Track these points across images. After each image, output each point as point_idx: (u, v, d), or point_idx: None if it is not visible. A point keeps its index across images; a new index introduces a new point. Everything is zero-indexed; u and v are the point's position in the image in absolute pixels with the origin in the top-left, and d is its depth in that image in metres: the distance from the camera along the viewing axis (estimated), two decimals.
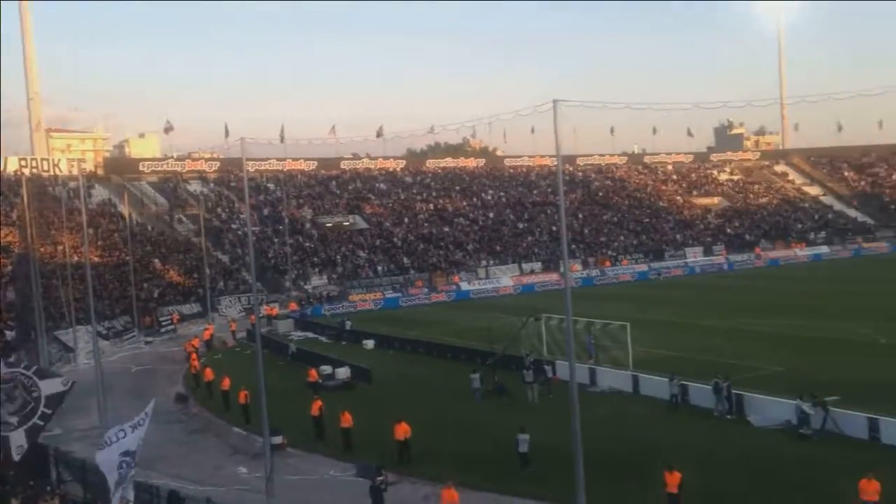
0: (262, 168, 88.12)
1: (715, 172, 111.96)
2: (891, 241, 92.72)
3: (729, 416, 27.53)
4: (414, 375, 38.36)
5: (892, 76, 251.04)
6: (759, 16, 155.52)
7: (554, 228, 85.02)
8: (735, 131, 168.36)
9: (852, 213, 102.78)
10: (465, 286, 72.02)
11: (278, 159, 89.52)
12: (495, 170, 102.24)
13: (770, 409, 27.10)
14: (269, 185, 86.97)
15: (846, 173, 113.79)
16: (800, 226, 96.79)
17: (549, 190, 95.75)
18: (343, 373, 37.28)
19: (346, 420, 26.99)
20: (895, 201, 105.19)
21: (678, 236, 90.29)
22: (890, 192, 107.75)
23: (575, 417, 18.91)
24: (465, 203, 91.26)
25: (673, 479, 19.50)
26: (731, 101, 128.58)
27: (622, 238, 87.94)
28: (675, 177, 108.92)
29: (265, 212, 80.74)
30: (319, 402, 28.97)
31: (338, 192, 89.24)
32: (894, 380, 30.60)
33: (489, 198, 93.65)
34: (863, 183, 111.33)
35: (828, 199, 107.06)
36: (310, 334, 53.38)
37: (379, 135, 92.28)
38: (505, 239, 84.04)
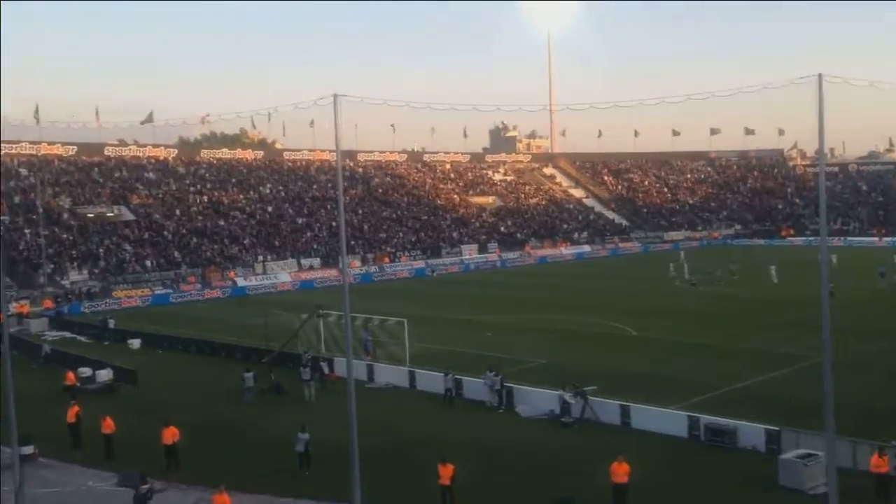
0: (13, 152, 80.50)
1: (490, 173, 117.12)
2: (642, 242, 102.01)
3: (500, 409, 28.98)
4: (185, 376, 36.81)
5: (648, 89, 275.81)
6: (533, 26, 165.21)
7: (333, 224, 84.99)
8: (509, 134, 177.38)
9: (611, 215, 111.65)
10: (241, 282, 70.18)
11: (32, 142, 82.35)
12: (274, 163, 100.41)
13: (536, 400, 28.83)
14: (21, 170, 79.64)
15: (606, 178, 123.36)
16: (565, 226, 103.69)
17: (329, 185, 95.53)
18: (105, 375, 35.02)
19: (108, 426, 25.40)
20: (647, 205, 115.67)
21: (455, 234, 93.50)
22: (642, 197, 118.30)
23: (352, 414, 19.08)
24: (241, 196, 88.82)
25: (446, 472, 20.23)
26: (505, 105, 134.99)
27: (401, 235, 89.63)
28: (452, 176, 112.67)
29: (16, 200, 73.85)
30: (76, 408, 27.05)
31: (101, 180, 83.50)
32: (644, 370, 33.70)
33: (267, 191, 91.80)
34: (620, 187, 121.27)
35: (590, 202, 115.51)
36: (67, 334, 49.64)
37: (148, 121, 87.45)
38: (283, 234, 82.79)
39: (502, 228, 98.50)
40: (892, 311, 46.60)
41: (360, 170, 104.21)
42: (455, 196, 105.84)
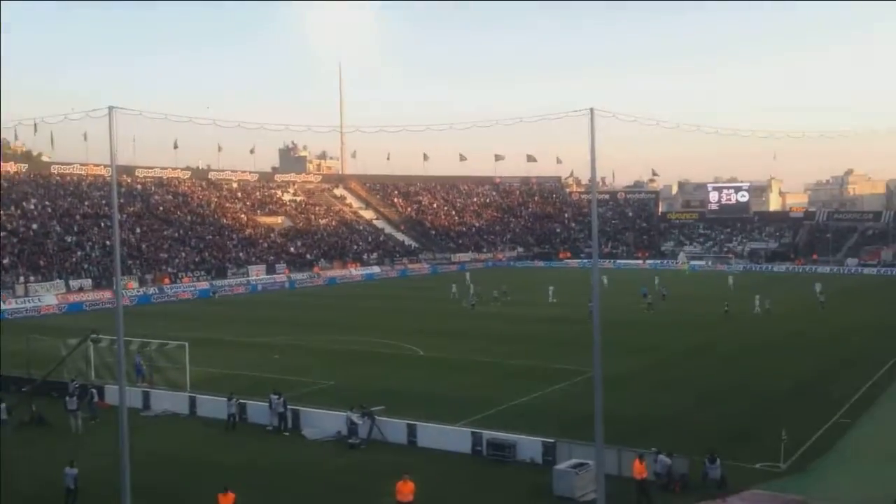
0: None
1: (279, 192, 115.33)
2: (431, 263, 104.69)
3: (286, 433, 28.43)
4: None
5: (437, 115, 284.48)
6: (323, 48, 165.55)
7: (108, 243, 79.87)
8: (299, 154, 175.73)
9: (400, 236, 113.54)
10: None
11: None
12: (40, 177, 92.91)
13: (323, 422, 28.60)
14: None
15: (396, 200, 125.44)
16: (355, 247, 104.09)
17: (104, 201, 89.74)
18: None
19: None
20: (435, 227, 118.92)
21: (242, 254, 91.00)
22: (431, 219, 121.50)
23: (124, 444, 18.01)
24: (2, 212, 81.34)
25: (227, 501, 19.53)
26: (295, 125, 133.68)
27: (184, 255, 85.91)
28: (240, 195, 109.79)
29: None
30: None
31: None
32: (431, 388, 34.57)
33: (32, 207, 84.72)
34: (409, 209, 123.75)
35: (380, 223, 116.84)
36: None
37: None
38: (50, 253, 76.65)
39: (292, 249, 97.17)
40: (654, 329, 50.83)
41: (139, 186, 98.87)
42: (242, 216, 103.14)
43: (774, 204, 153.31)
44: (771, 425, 26.69)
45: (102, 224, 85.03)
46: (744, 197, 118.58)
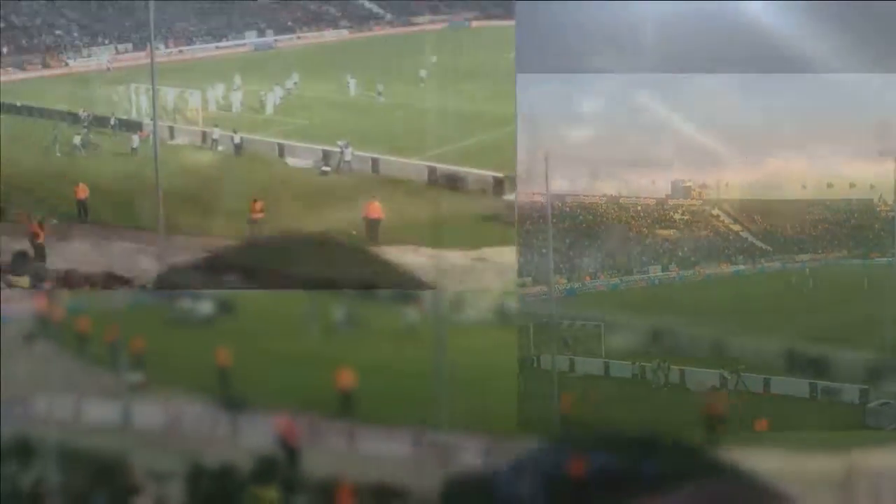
0: None
1: (671, 213, 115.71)
2: (781, 262, 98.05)
3: (666, 387, 30.70)
4: None
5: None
6: None
7: (543, 250, 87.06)
8: (686, 184, 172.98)
9: (759, 243, 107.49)
10: None
11: None
12: None
13: (702, 377, 30.38)
14: None
15: (756, 217, 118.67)
16: (727, 251, 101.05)
17: (540, 220, 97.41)
18: None
19: None
20: (783, 236, 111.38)
21: (643, 258, 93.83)
22: (780, 231, 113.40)
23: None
24: None
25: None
26: (681, 163, 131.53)
27: (600, 258, 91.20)
28: (642, 215, 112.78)
29: None
30: None
31: None
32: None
33: None
34: (766, 224, 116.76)
35: (744, 234, 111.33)
36: None
37: None
38: None
39: (679, 253, 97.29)
40: None
41: (568, 209, 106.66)
42: (644, 230, 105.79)
43: None
44: None
45: (539, 237, 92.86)
46: None
